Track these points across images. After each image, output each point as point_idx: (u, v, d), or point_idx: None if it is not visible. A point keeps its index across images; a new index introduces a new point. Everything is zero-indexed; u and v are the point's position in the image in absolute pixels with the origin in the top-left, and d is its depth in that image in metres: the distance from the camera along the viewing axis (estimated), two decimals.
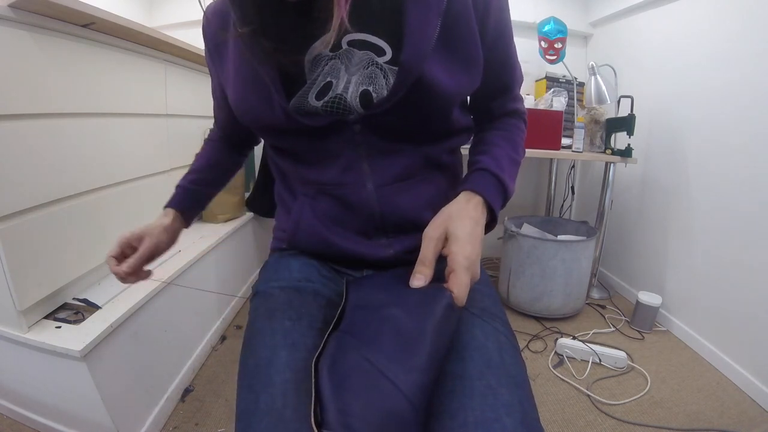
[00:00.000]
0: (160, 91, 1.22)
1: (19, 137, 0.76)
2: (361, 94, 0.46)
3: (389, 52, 0.46)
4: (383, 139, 0.50)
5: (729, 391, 1.28)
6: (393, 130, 0.49)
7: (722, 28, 1.42)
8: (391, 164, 0.51)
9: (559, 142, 1.73)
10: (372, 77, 0.46)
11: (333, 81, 0.47)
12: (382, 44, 0.46)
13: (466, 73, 0.49)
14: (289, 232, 0.58)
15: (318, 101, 0.47)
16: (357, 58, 0.46)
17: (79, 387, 0.83)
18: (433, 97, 0.47)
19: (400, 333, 0.40)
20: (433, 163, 0.54)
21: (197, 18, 0.55)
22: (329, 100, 0.47)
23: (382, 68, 0.46)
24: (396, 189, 0.52)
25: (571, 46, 1.99)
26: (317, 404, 0.35)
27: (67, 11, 0.79)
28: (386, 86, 0.46)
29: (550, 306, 1.65)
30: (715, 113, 1.45)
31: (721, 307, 1.42)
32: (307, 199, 0.55)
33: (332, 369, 0.37)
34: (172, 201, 0.64)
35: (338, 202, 0.53)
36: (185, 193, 0.65)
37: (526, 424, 0.39)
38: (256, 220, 1.81)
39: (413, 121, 0.49)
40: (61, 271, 0.88)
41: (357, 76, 0.46)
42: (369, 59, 0.46)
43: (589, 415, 1.16)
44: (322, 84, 0.47)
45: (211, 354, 1.36)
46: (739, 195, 1.36)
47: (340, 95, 0.46)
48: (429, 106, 0.48)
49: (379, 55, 0.46)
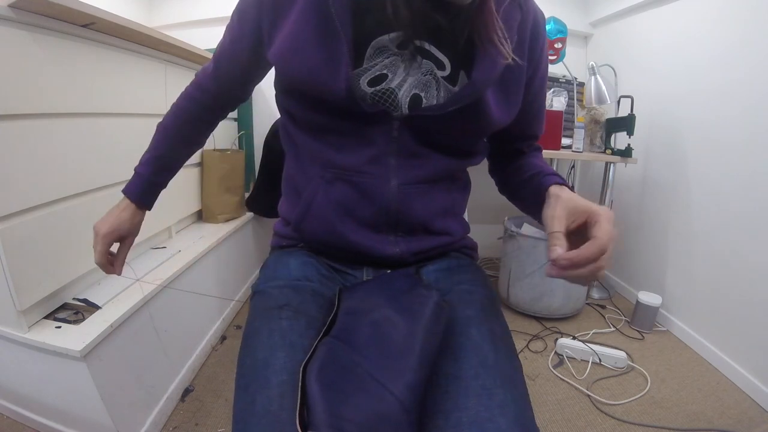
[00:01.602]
0: (160, 91, 1.22)
1: (19, 137, 0.76)
2: (412, 96, 0.49)
3: (449, 69, 0.50)
4: (417, 142, 0.52)
5: (729, 391, 1.28)
6: (429, 137, 0.52)
7: (722, 28, 1.42)
8: (417, 166, 0.53)
9: (559, 142, 1.73)
10: (426, 85, 0.50)
11: (389, 74, 0.49)
12: (445, 60, 0.49)
13: (508, 111, 0.53)
14: (296, 219, 0.57)
15: (370, 88, 0.48)
16: (419, 64, 0.49)
17: (79, 387, 0.83)
18: (480, 120, 0.51)
19: (389, 335, 0.41)
20: (452, 176, 0.58)
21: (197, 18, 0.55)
22: (381, 90, 0.48)
23: (438, 80, 0.50)
24: (417, 191, 0.54)
25: (571, 46, 1.99)
26: (303, 407, 0.35)
27: (67, 11, 0.79)
28: (436, 97, 0.50)
29: (550, 306, 1.65)
30: (716, 113, 1.45)
31: (721, 307, 1.42)
32: (323, 183, 0.54)
33: (321, 373, 0.38)
34: (141, 195, 0.65)
35: (355, 191, 0.53)
36: (150, 187, 0.66)
37: (521, 423, 0.39)
38: (256, 220, 1.81)
39: (451, 135, 0.53)
40: (61, 271, 0.88)
41: (413, 78, 0.49)
42: (429, 68, 0.49)
43: (589, 415, 1.16)
44: (377, 73, 0.48)
45: (211, 354, 1.36)
46: (739, 195, 1.36)
47: (393, 90, 0.49)
48: (472, 126, 0.52)
49: (439, 69, 0.50)
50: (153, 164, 0.65)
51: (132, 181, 0.65)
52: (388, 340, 0.41)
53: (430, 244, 0.58)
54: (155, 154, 0.65)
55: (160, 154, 0.65)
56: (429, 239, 0.57)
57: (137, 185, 0.64)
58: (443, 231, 0.58)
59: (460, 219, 0.63)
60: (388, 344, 0.40)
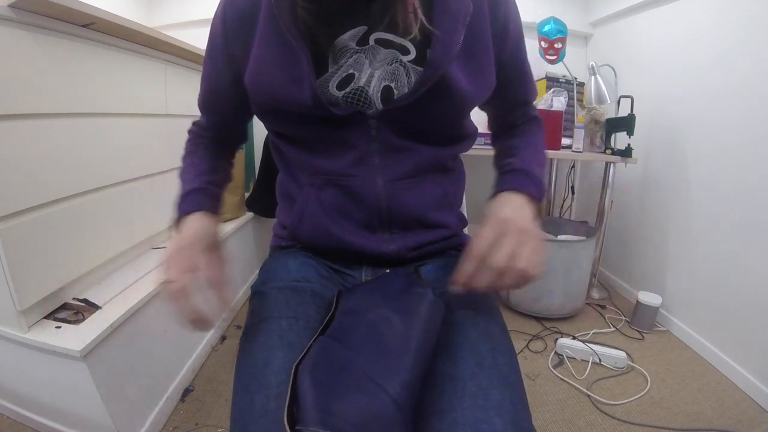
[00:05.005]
0: (160, 91, 1.22)
1: (19, 137, 0.76)
2: (383, 90, 0.49)
3: (413, 52, 0.48)
4: (398, 135, 0.51)
5: (729, 391, 1.28)
6: (408, 128, 0.51)
7: (722, 28, 1.42)
8: (402, 161, 0.52)
9: (559, 142, 1.73)
10: (395, 74, 0.49)
11: (356, 73, 0.48)
12: (407, 44, 0.48)
13: (481, 82, 0.52)
14: (292, 225, 0.57)
15: (339, 91, 0.48)
16: (382, 54, 0.48)
17: (79, 387, 0.83)
18: (452, 97, 0.49)
19: (385, 334, 0.41)
20: (440, 166, 0.56)
21: (197, 18, 0.55)
22: (351, 91, 0.48)
23: (406, 66, 0.49)
24: (405, 186, 0.53)
25: (571, 46, 1.99)
26: (293, 404, 0.35)
27: (67, 11, 0.79)
28: (408, 84, 0.49)
29: (550, 306, 1.65)
30: (716, 113, 1.45)
31: (721, 307, 1.42)
32: (313, 190, 0.54)
33: (313, 371, 0.38)
34: (201, 204, 0.53)
35: (345, 194, 0.53)
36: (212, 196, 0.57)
37: (517, 424, 0.39)
38: (256, 220, 1.81)
39: (429, 120, 0.51)
40: (61, 271, 0.88)
41: (380, 71, 0.48)
42: (394, 57, 0.49)
43: (589, 415, 1.16)
44: (344, 75, 0.48)
45: (211, 354, 1.36)
46: (739, 195, 1.36)
47: (362, 88, 0.48)
48: (447, 105, 0.50)
49: (404, 54, 0.49)
50: (196, 179, 0.56)
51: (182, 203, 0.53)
52: (384, 339, 0.40)
53: (427, 238, 0.57)
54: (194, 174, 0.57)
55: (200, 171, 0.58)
56: (425, 233, 0.57)
57: (191, 200, 0.53)
58: (439, 224, 0.57)
59: (457, 211, 0.61)
60: (383, 343, 0.40)
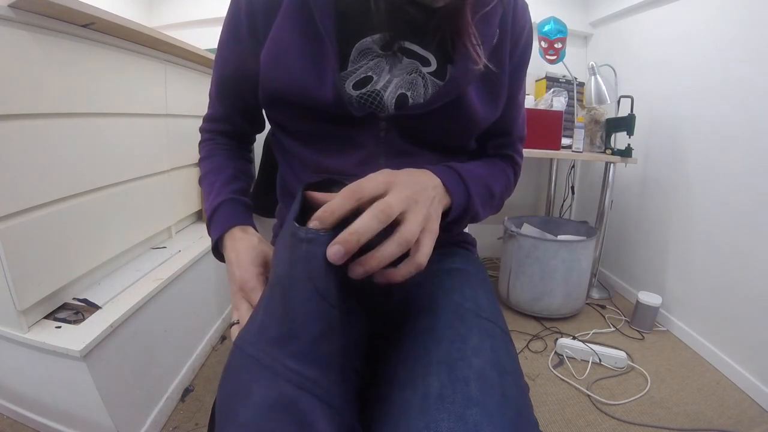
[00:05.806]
0: (160, 91, 1.22)
1: (19, 137, 0.76)
2: (398, 97, 0.49)
3: (434, 64, 0.49)
4: (404, 140, 0.51)
5: (729, 391, 1.28)
6: (416, 135, 0.52)
7: (722, 27, 1.42)
8: (406, 164, 0.51)
9: (559, 142, 1.73)
10: (413, 84, 0.49)
11: (374, 77, 0.48)
12: (430, 57, 0.49)
13: (492, 108, 0.53)
14: None
15: (355, 91, 0.48)
16: (403, 63, 0.49)
17: (79, 387, 0.83)
18: (464, 117, 0.50)
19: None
20: None
21: (197, 18, 0.55)
22: (366, 92, 0.48)
23: (424, 77, 0.49)
24: None
25: (571, 46, 1.99)
26: None
27: (67, 11, 0.79)
28: (424, 95, 0.49)
29: (550, 306, 1.65)
30: (716, 113, 1.45)
31: (721, 307, 1.42)
32: None
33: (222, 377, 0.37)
34: (236, 217, 0.54)
35: None
36: (243, 205, 0.58)
37: (496, 364, 0.38)
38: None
39: (438, 132, 0.52)
40: (61, 271, 0.88)
41: (399, 79, 0.49)
42: (414, 67, 0.49)
43: (589, 415, 1.16)
44: (362, 76, 0.48)
45: (211, 354, 1.36)
46: (739, 195, 1.36)
47: (378, 92, 0.48)
48: (457, 124, 0.51)
49: (424, 66, 0.49)
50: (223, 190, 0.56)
51: (216, 219, 0.54)
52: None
53: None
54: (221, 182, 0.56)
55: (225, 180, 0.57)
56: None
57: (226, 215, 0.54)
58: None
59: None
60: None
